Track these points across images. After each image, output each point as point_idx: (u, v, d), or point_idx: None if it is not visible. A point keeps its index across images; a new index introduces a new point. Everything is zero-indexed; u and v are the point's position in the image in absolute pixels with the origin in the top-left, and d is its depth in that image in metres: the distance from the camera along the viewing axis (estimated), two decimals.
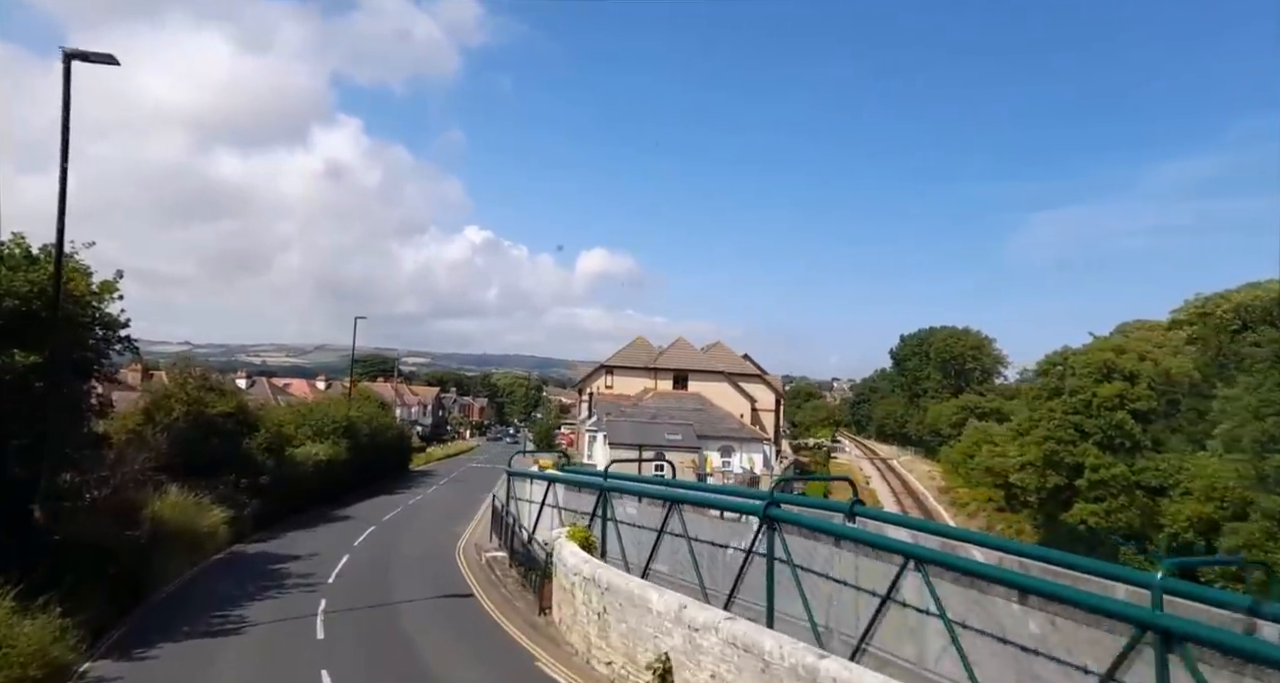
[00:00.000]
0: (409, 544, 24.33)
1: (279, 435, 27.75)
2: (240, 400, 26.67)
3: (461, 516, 31.99)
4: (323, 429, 36.16)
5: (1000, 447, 56.22)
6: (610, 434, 41.54)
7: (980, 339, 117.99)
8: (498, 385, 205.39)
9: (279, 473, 26.91)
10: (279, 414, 30.54)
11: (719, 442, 42.60)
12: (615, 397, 48.79)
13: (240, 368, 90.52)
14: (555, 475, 19.21)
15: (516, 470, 23.12)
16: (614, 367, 66.70)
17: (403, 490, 41.37)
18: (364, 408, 42.55)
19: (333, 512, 31.22)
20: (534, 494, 20.43)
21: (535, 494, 20.42)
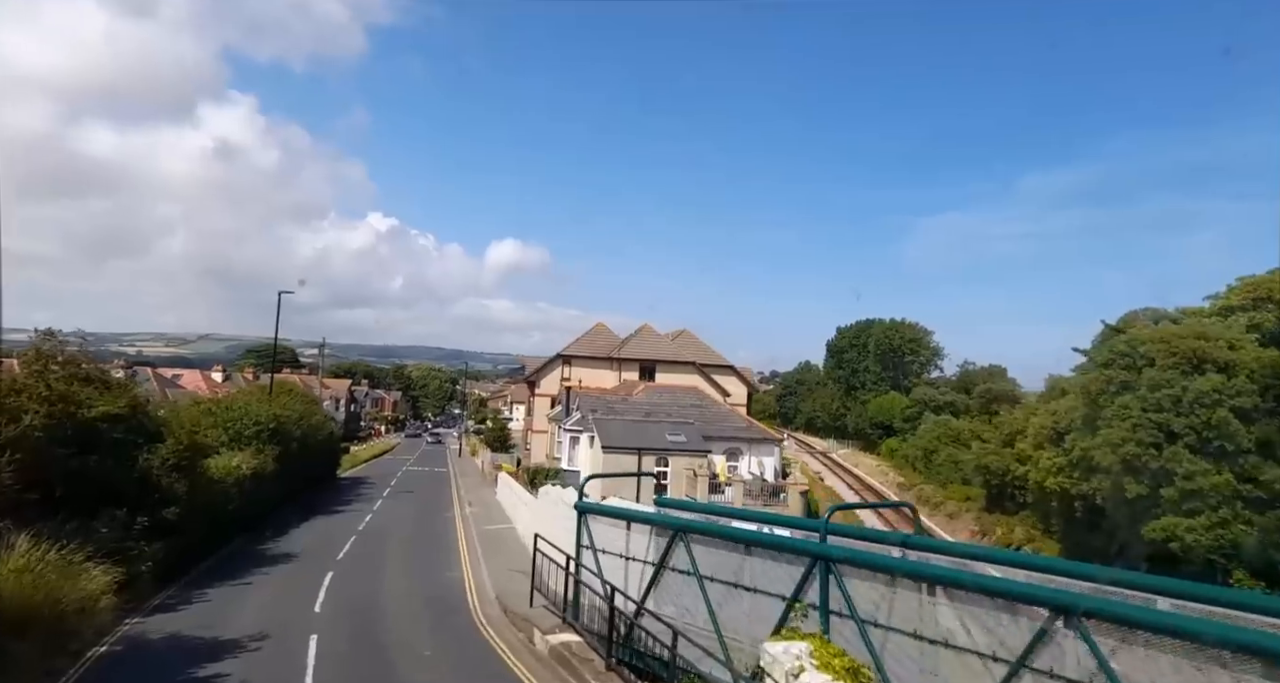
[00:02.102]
0: (399, 609, 16.70)
1: (193, 445, 19.47)
2: (133, 397, 18.27)
3: (442, 545, 24.44)
4: (242, 433, 27.68)
5: (991, 445, 52.54)
6: (601, 436, 34.56)
7: (919, 331, 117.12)
8: (411, 378, 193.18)
9: (192, 500, 18.72)
10: (192, 415, 22.01)
11: (724, 443, 36.36)
12: (599, 391, 41.74)
13: (114, 358, 77.79)
14: (679, 522, 11.94)
15: (594, 506, 14.81)
16: (573, 356, 59.50)
17: (343, 508, 33.09)
18: (291, 404, 33.94)
19: (266, 547, 23.04)
20: (626, 545, 13.21)
21: (618, 542, 13.32)
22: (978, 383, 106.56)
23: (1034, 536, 42.65)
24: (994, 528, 48.28)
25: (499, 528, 27.40)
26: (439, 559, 22.11)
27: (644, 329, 62.14)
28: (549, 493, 20.18)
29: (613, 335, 62.55)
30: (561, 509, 17.37)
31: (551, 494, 19.41)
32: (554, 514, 18.37)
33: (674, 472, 33.85)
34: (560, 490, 20.02)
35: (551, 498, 19.14)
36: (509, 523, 28.52)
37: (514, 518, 28.63)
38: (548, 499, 19.60)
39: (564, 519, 17.19)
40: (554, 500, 18.54)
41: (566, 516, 16.95)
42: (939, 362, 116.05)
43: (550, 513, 19.45)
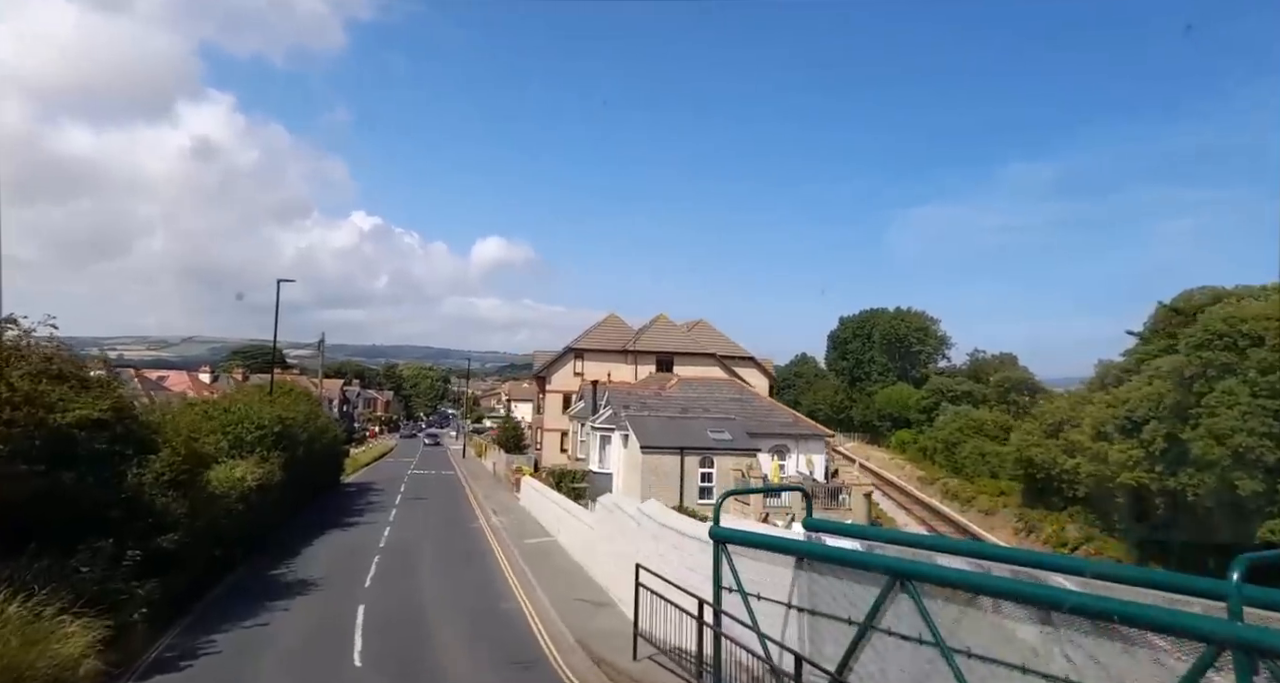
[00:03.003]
0: (459, 659, 13.33)
1: (192, 455, 16.09)
2: (118, 399, 14.85)
3: (481, 565, 21.14)
4: (243, 438, 24.28)
5: (1033, 436, 49.76)
6: (638, 435, 31.35)
7: (925, 320, 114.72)
8: (403, 377, 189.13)
9: (193, 522, 15.36)
10: (190, 419, 18.53)
11: (771, 440, 33.27)
12: (627, 386, 38.51)
13: (92, 360, 73.70)
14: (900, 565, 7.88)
15: (744, 535, 10.43)
16: (585, 350, 56.39)
17: (356, 519, 29.71)
18: (295, 406, 30.50)
19: (278, 573, 19.67)
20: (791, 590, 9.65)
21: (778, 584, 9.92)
22: (989, 372, 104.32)
23: (1091, 534, 39.91)
24: (1040, 525, 45.51)
25: (539, 543, 24.16)
26: (484, 584, 18.83)
27: (659, 320, 59.00)
28: (617, 507, 16.94)
29: (626, 327, 59.41)
30: (648, 527, 14.18)
31: (625, 508, 16.18)
32: (631, 533, 15.18)
33: (719, 473, 30.73)
34: (629, 502, 16.82)
35: (626, 512, 15.92)
36: (548, 535, 25.27)
37: (554, 530, 25.40)
38: (620, 514, 16.37)
39: (648, 539, 14.02)
40: (632, 516, 15.34)
41: (653, 535, 13.78)
42: (946, 351, 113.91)
43: (620, 530, 16.25)
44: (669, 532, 12.91)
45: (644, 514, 14.62)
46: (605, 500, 18.38)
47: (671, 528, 12.73)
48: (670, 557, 12.75)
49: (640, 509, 14.87)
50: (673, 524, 12.80)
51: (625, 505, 16.26)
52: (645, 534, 14.24)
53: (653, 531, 13.87)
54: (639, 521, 14.73)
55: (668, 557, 12.84)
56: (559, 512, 25.65)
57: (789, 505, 28.13)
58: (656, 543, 13.52)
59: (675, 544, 12.69)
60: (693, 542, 11.96)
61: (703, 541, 11.62)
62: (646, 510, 14.59)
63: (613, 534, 16.96)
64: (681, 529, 12.51)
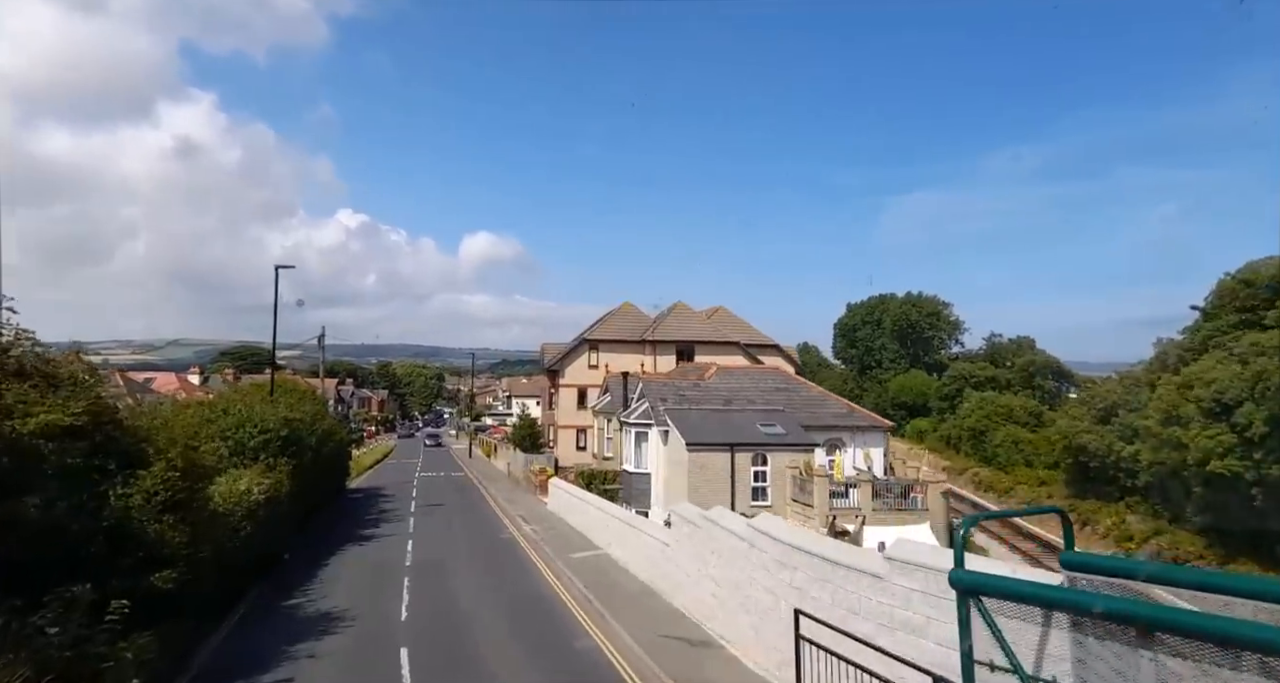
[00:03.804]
0: None
1: (191, 467, 12.95)
2: (98, 400, 11.73)
3: (532, 589, 18.09)
4: (245, 444, 21.17)
5: (1082, 421, 47.03)
6: (682, 430, 28.36)
7: (937, 305, 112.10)
8: (397, 375, 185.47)
9: (195, 552, 12.26)
10: (185, 423, 15.27)
11: (824, 433, 30.34)
12: (663, 377, 35.50)
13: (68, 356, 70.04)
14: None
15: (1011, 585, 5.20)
16: (599, 341, 53.44)
17: (372, 531, 26.62)
18: (300, 406, 27.34)
19: (295, 604, 16.59)
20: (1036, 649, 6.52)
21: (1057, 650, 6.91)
22: (1007, 356, 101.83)
23: (1159, 527, 37.25)
24: (1095, 517, 42.80)
25: (589, 558, 21.15)
26: (543, 613, 15.81)
27: (677, 308, 56.06)
28: (710, 521, 13.90)
29: (642, 315, 56.48)
30: (768, 550, 11.18)
31: (727, 524, 13.13)
32: (737, 556, 12.19)
33: (774, 471, 27.79)
34: (731, 517, 13.81)
35: (728, 530, 12.90)
36: (596, 548, 22.26)
37: (601, 541, 22.40)
38: (716, 530, 13.33)
39: (770, 567, 11.04)
40: (739, 535, 12.33)
41: (778, 560, 10.79)
42: (960, 336, 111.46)
43: (714, 549, 13.25)
44: (813, 560, 9.88)
45: (759, 533, 11.62)
46: (686, 512, 15.37)
47: (825, 558, 9.70)
48: (815, 592, 9.76)
49: (754, 527, 11.86)
50: (827, 554, 9.76)
51: (727, 521, 13.22)
52: (764, 559, 11.24)
53: (777, 554, 10.88)
54: (752, 541, 11.72)
55: (809, 591, 9.86)
56: (603, 519, 22.64)
57: (858, 506, 25.22)
58: (785, 572, 10.55)
59: (822, 576, 9.70)
60: (861, 577, 8.97)
61: (876, 576, 8.63)
62: (763, 528, 11.57)
63: (702, 554, 13.96)
64: (839, 559, 9.51)
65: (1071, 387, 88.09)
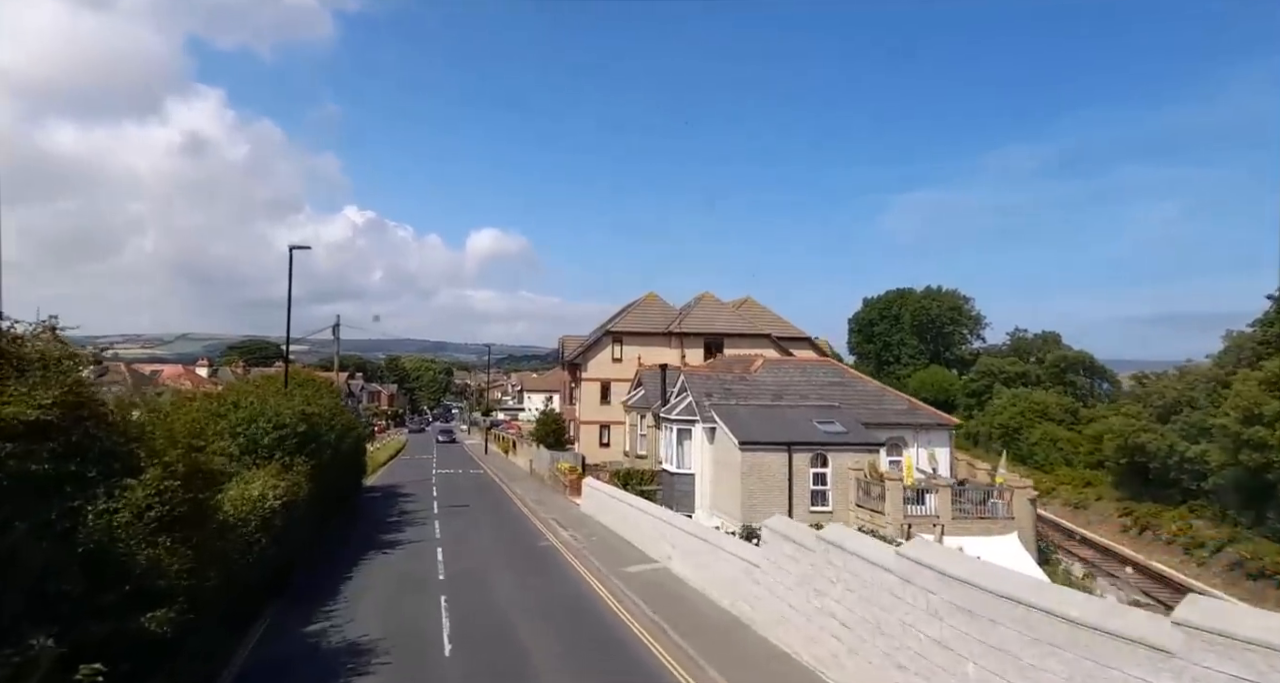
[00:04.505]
0: None
1: (195, 473, 10.47)
2: (76, 387, 9.26)
3: (590, 614, 15.59)
4: (258, 441, 18.73)
5: (1138, 419, 44.26)
6: (732, 428, 25.83)
7: (957, 299, 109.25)
8: (405, 370, 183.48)
9: (201, 582, 9.77)
10: (189, 418, 12.72)
11: (884, 431, 27.75)
12: (705, 369, 32.94)
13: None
14: None
15: None
16: (623, 333, 50.94)
17: (396, 538, 24.14)
18: (317, 399, 24.88)
19: (317, 629, 14.09)
20: None
21: None
22: (1031, 351, 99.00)
23: (1235, 534, 34.56)
24: (1154, 521, 40.09)
25: (646, 572, 18.65)
26: (617, 650, 13.29)
27: (704, 298, 53.53)
28: (833, 544, 11.34)
29: (667, 307, 53.99)
30: (943, 590, 8.62)
31: (869, 554, 10.57)
32: (882, 594, 9.64)
33: (835, 473, 25.23)
34: (868, 542, 11.28)
35: (870, 560, 10.35)
36: (651, 561, 19.75)
37: (655, 552, 19.88)
38: (846, 557, 10.76)
39: (949, 617, 8.49)
40: (889, 569, 9.77)
41: (964, 607, 8.24)
42: (981, 331, 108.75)
43: (843, 582, 10.71)
44: (1033, 616, 7.27)
45: (918, 565, 9.00)
46: (788, 529, 12.82)
47: (1057, 615, 7.06)
48: (1036, 660, 7.17)
49: (908, 557, 9.26)
50: (1062, 611, 7.09)
51: (857, 544, 10.65)
52: (930, 602, 8.64)
53: (956, 598, 8.25)
54: (907, 576, 9.08)
55: (1024, 658, 7.25)
56: (656, 527, 20.13)
57: (936, 514, 22.64)
58: (975, 624, 7.98)
59: (1051, 640, 7.08)
60: (1130, 650, 6.36)
61: (1159, 651, 6.05)
62: (927, 559, 8.94)
63: (814, 583, 11.41)
64: (1083, 619, 6.88)
65: (1104, 383, 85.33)
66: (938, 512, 22.65)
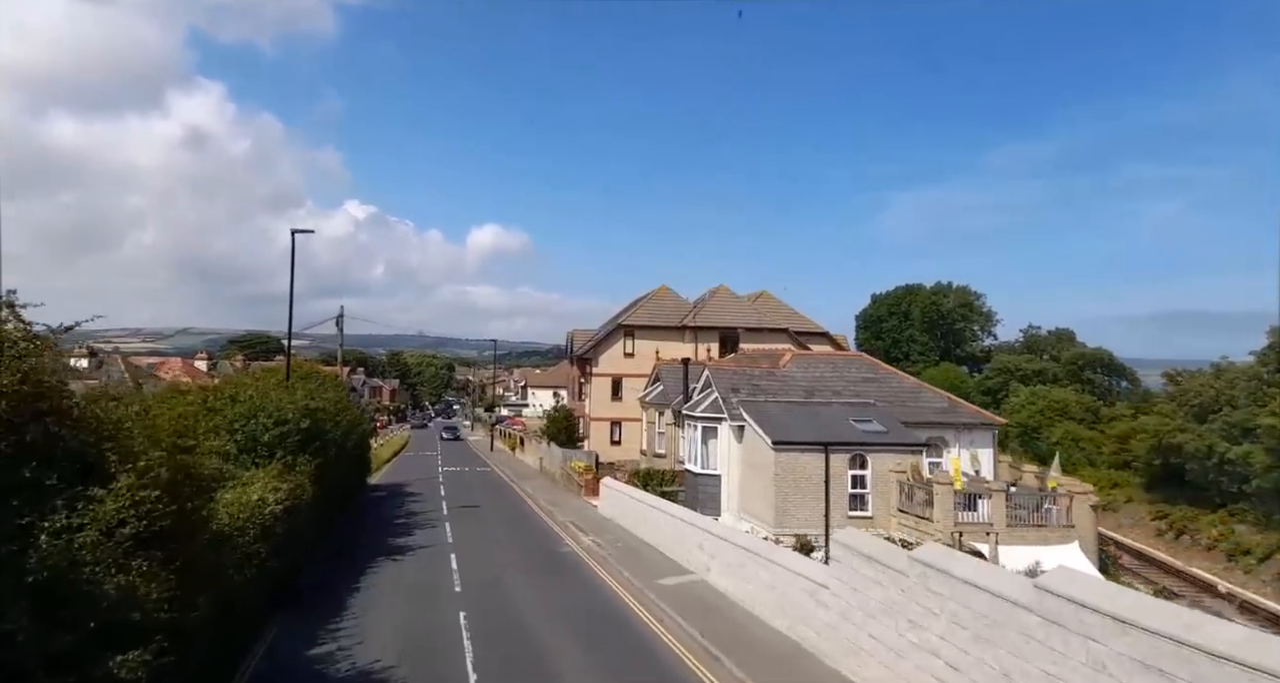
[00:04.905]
0: None
1: (182, 478, 8.83)
2: (32, 373, 7.62)
3: (618, 625, 13.97)
4: (258, 439, 17.09)
5: (1173, 419, 42.63)
6: (764, 427, 24.18)
7: (968, 295, 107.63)
8: (407, 365, 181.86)
9: (181, 612, 8.11)
10: (176, 413, 11.06)
11: (923, 430, 26.08)
12: (732, 364, 31.26)
13: (78, 345, 66.34)
14: None
15: None
16: (635, 327, 49.23)
17: (405, 542, 22.49)
18: (321, 393, 23.21)
19: (323, 652, 12.42)
20: None
21: None
22: (1045, 349, 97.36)
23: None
24: (1191, 526, 38.49)
25: (682, 586, 17.01)
26: (660, 673, 11.66)
27: (719, 291, 51.85)
28: (932, 567, 9.67)
29: (681, 300, 52.28)
30: (1113, 639, 6.96)
31: (1002, 589, 8.92)
32: (1003, 632, 7.97)
33: (875, 476, 23.57)
34: (968, 562, 9.63)
35: (1002, 596, 8.69)
36: (687, 572, 18.10)
37: (688, 561, 18.24)
38: (951, 584, 9.10)
39: (1071, 665, 6.81)
40: (1020, 603, 8.11)
41: (1141, 663, 6.56)
42: (992, 328, 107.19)
43: (979, 622, 9.05)
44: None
45: (1077, 605, 7.32)
46: (866, 546, 11.16)
47: None
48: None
49: (1049, 589, 7.57)
50: None
51: (967, 569, 8.97)
52: (1094, 653, 6.92)
53: (1136, 649, 6.60)
54: (1053, 615, 7.36)
55: None
56: (687, 534, 18.50)
57: (989, 521, 20.98)
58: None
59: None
60: None
61: None
62: (1078, 595, 7.25)
63: (905, 611, 9.76)
64: None
65: (1122, 381, 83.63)
66: (991, 518, 21.00)
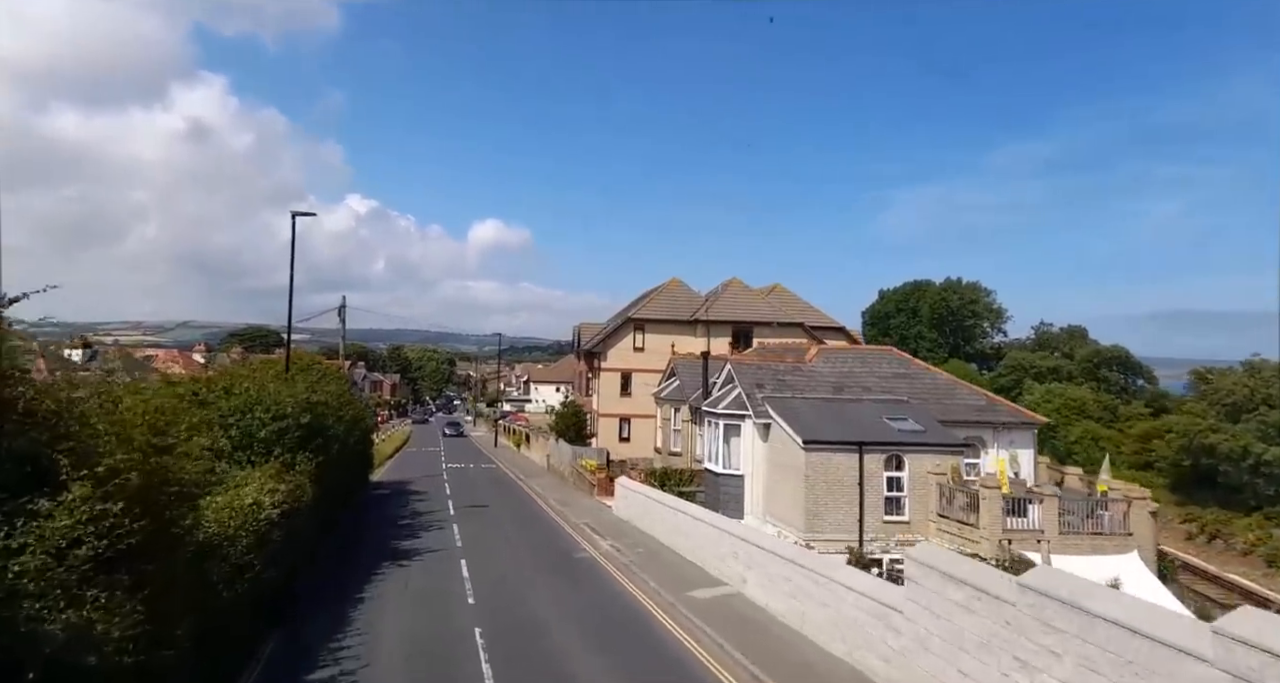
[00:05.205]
0: None
1: (158, 484, 7.38)
2: None
3: (653, 648, 12.47)
4: (254, 435, 15.63)
5: (1204, 420, 41.19)
6: (792, 425, 22.70)
7: (977, 292, 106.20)
8: (408, 359, 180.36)
9: (158, 639, 6.65)
10: (153, 406, 9.57)
11: (960, 429, 24.59)
12: (753, 358, 29.76)
13: (76, 336, 64.98)
14: None
15: None
16: (645, 320, 47.78)
17: (409, 542, 21.03)
18: (323, 386, 21.72)
19: (321, 677, 11.02)
20: None
21: None
22: (1057, 346, 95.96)
23: None
24: (1224, 529, 37.04)
25: (718, 600, 15.55)
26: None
27: (732, 284, 50.30)
28: (1129, 615, 8.18)
29: (692, 293, 50.80)
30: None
31: (1171, 636, 7.46)
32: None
33: (912, 478, 22.09)
34: (1166, 614, 8.11)
35: (1168, 643, 7.23)
36: (719, 583, 16.63)
37: (722, 572, 16.78)
38: (1159, 649, 7.64)
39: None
40: (1216, 661, 6.64)
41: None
42: (1002, 325, 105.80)
43: (1130, 671, 7.57)
44: None
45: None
46: (961, 570, 9.67)
47: None
48: None
49: (1238, 637, 6.11)
50: None
51: (1144, 620, 7.44)
52: None
53: None
54: (1256, 676, 5.95)
55: None
56: (717, 539, 17.04)
57: (1040, 528, 19.52)
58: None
59: None
60: None
61: None
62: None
63: (1024, 655, 8.25)
64: None
65: (1137, 379, 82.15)
66: (1042, 525, 19.53)
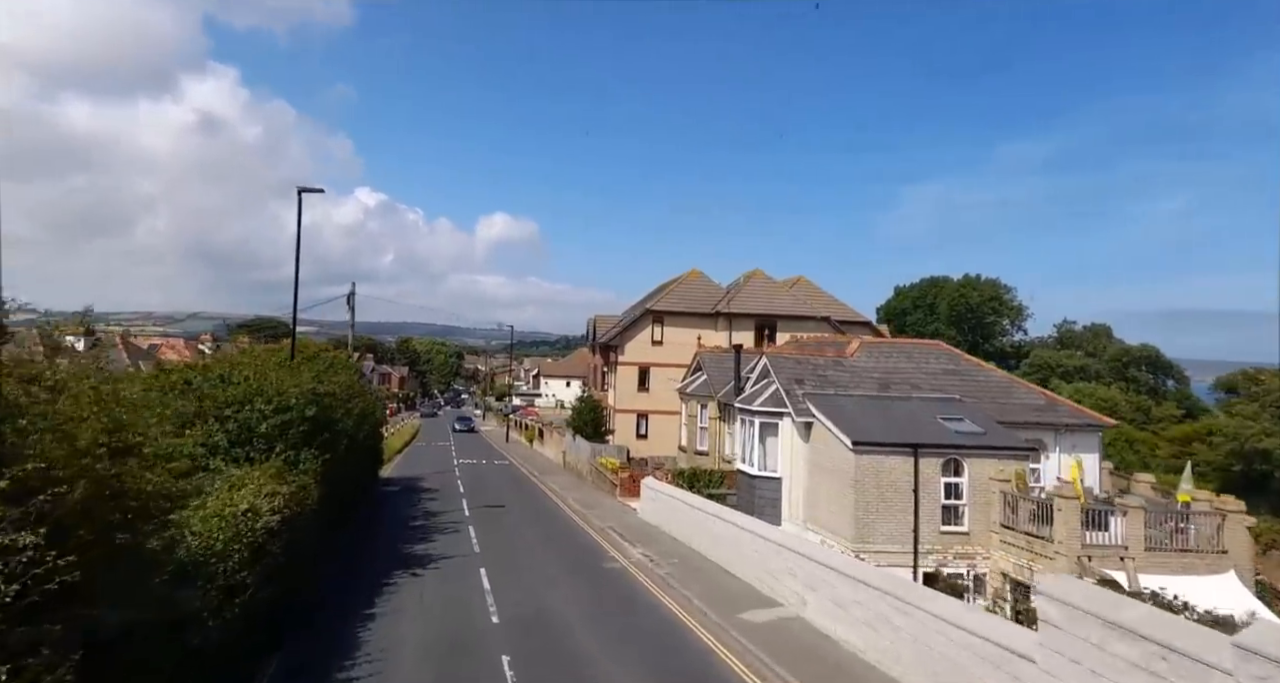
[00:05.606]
0: None
1: (114, 497, 5.61)
2: None
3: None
4: (253, 429, 13.84)
5: (1257, 423, 39.10)
6: (840, 424, 20.79)
7: (997, 289, 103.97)
8: (418, 352, 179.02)
9: None
10: (98, 396, 7.62)
11: (1021, 431, 22.62)
12: (790, 351, 27.80)
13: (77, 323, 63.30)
14: None
15: None
16: (664, 313, 45.94)
17: (421, 547, 19.24)
18: (331, 376, 19.92)
19: None
20: None
21: None
22: (1080, 344, 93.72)
23: None
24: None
25: (772, 622, 13.70)
26: None
27: (755, 276, 48.42)
28: None
29: (713, 285, 48.93)
30: None
31: None
32: None
33: (972, 484, 20.18)
34: None
35: None
36: (773, 603, 14.78)
37: (774, 590, 14.92)
38: None
39: None
40: None
41: None
42: (1023, 322, 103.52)
43: None
44: None
45: None
46: (1132, 620, 7.79)
47: None
48: None
49: None
50: None
51: None
52: None
53: None
54: None
55: None
56: (769, 553, 15.16)
57: (1124, 543, 17.58)
58: None
59: None
60: None
61: None
62: None
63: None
64: None
65: (1167, 379, 79.86)
66: (1125, 540, 17.60)
